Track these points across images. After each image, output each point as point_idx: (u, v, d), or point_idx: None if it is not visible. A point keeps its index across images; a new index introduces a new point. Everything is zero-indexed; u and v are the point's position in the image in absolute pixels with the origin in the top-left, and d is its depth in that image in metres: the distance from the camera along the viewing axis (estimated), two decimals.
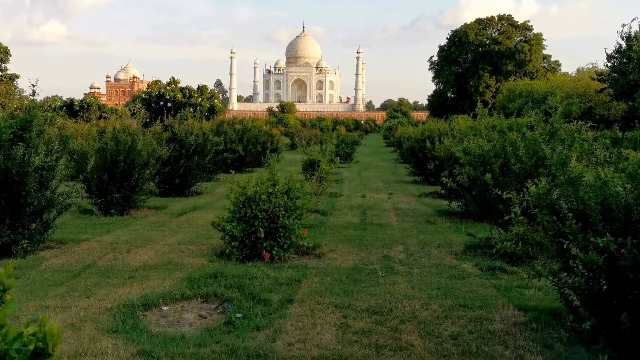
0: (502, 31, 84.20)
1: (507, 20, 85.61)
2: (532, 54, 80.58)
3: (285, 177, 8.94)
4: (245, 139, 24.09)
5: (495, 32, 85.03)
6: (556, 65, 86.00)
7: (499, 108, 61.87)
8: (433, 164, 15.09)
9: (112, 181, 12.53)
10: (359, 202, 15.07)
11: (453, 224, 11.85)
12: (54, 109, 68.61)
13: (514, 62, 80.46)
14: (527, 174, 8.20)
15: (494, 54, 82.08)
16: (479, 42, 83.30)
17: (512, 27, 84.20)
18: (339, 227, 11.47)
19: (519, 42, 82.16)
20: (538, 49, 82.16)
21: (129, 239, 10.12)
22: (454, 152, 11.68)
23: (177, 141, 15.84)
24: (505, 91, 65.15)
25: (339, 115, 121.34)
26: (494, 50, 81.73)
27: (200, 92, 41.33)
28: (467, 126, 12.58)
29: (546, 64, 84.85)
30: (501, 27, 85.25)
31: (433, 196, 16.13)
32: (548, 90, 57.31)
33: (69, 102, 62.42)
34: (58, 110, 64.00)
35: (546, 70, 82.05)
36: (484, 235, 9.91)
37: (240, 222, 8.62)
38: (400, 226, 11.69)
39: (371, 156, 37.07)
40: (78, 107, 61.07)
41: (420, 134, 19.57)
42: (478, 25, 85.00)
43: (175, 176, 15.82)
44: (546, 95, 56.98)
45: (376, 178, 22.17)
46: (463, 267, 8.18)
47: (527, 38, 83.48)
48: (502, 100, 63.85)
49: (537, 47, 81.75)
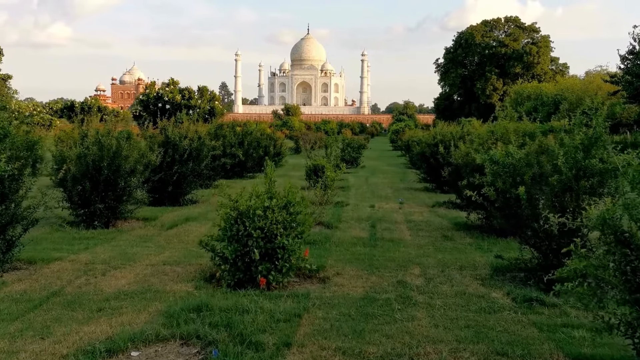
0: (509, 33, 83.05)
1: (514, 22, 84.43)
2: (540, 56, 79.40)
3: (284, 188, 7.73)
4: (246, 143, 22.88)
5: (502, 34, 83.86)
6: (564, 68, 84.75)
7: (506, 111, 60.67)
8: (447, 171, 13.87)
9: (95, 190, 11.35)
10: (367, 213, 13.84)
11: (474, 239, 10.62)
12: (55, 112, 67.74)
13: (522, 64, 79.28)
14: (566, 187, 6.98)
15: (501, 56, 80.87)
16: (486, 44, 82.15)
17: (519, 29, 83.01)
18: (345, 243, 10.26)
19: (527, 44, 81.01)
20: (546, 51, 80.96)
21: (108, 258, 8.92)
22: (475, 159, 10.49)
23: (171, 145, 14.66)
24: (513, 94, 63.88)
25: (344, 118, 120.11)
26: (501, 53, 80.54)
27: (200, 93, 40.06)
28: (487, 130, 11.36)
29: (554, 67, 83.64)
30: (508, 28, 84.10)
31: (447, 206, 14.89)
32: (558, 93, 56.09)
33: (69, 104, 61.42)
34: (58, 112, 63.12)
35: (554, 72, 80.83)
36: (512, 255, 8.70)
37: (232, 242, 7.42)
38: (415, 242, 10.46)
39: (378, 160, 35.82)
40: (79, 109, 60.00)
41: (431, 138, 18.34)
42: (484, 27, 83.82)
43: (168, 183, 14.64)
44: (556, 98, 55.81)
45: (384, 185, 20.93)
46: (493, 297, 6.95)
47: (534, 40, 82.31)
48: (510, 103, 62.65)
49: (545, 49, 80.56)
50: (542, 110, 54.31)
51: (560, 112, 11.07)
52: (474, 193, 7.80)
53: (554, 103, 56.52)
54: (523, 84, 68.45)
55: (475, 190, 10.81)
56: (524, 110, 54.90)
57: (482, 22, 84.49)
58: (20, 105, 47.48)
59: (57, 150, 11.68)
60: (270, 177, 7.76)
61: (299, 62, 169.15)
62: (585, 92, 53.95)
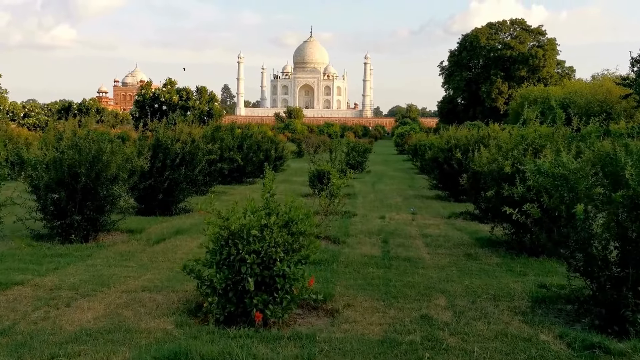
0: (514, 36, 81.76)
1: (520, 25, 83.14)
2: (546, 59, 78.03)
3: (286, 200, 6.43)
4: (246, 146, 21.56)
5: (508, 37, 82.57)
6: (570, 72, 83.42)
7: (512, 115, 59.30)
8: (467, 179, 12.57)
9: (72, 199, 10.05)
10: (377, 225, 12.51)
11: (502, 259, 9.29)
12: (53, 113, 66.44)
13: (528, 67, 77.92)
14: (634, 204, 5.66)
15: (507, 59, 79.52)
16: (491, 46, 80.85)
17: (525, 31, 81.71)
18: (356, 263, 8.93)
19: (533, 47, 79.67)
20: (552, 54, 79.63)
21: (79, 282, 7.61)
22: (504, 167, 9.20)
23: (162, 149, 13.35)
24: (519, 97, 62.54)
25: (347, 121, 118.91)
26: (507, 55, 79.19)
27: (198, 94, 38.66)
28: (516, 135, 10.03)
29: (560, 70, 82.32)
30: (513, 31, 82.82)
31: (465, 217, 13.56)
32: (566, 97, 54.77)
33: (66, 106, 60.12)
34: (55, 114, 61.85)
35: (560, 76, 79.48)
36: (551, 280, 7.41)
37: (222, 268, 6.12)
38: (434, 262, 9.13)
39: (383, 165, 34.45)
40: (76, 110, 58.73)
41: (444, 143, 17.01)
42: (490, 30, 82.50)
43: (158, 191, 13.34)
44: (564, 101, 54.49)
45: (393, 192, 19.59)
46: (542, 341, 5.61)
47: (540, 43, 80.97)
48: (515, 107, 61.33)
49: (551, 53, 79.23)
50: (550, 114, 52.92)
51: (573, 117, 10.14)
52: (516, 212, 6.45)
53: (562, 106, 55.14)
54: (529, 87, 67.17)
55: (503, 202, 9.50)
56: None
57: (487, 25, 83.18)
58: (15, 106, 46.23)
59: (32, 154, 10.41)
60: (268, 189, 6.45)
61: (302, 64, 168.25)
62: (595, 96, 52.65)
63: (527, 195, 8.94)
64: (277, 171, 28.54)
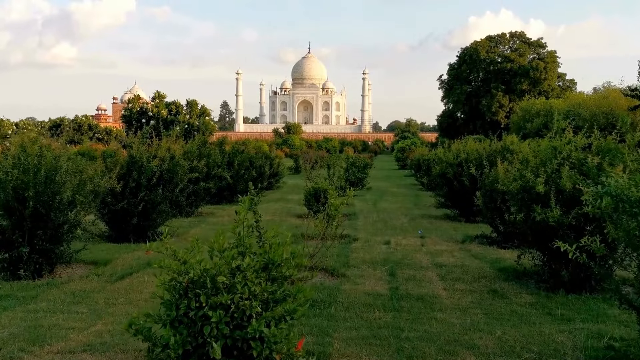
0: (514, 48, 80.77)
1: (520, 37, 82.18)
2: (547, 72, 76.89)
3: (265, 236, 4.85)
4: (237, 163, 19.95)
5: (508, 50, 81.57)
6: (572, 84, 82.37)
7: (513, 129, 57.82)
8: (482, 198, 11.00)
9: (19, 228, 8.45)
10: (382, 253, 10.86)
11: (534, 297, 7.65)
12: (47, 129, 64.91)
13: (528, 80, 76.78)
14: None
15: (507, 72, 78.41)
16: (491, 59, 79.85)
17: (525, 44, 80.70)
18: (358, 304, 7.31)
19: (533, 60, 78.63)
20: (553, 67, 78.57)
21: (7, 337, 5.96)
22: (535, 185, 7.65)
23: (136, 167, 11.76)
24: (520, 111, 61.14)
25: (346, 136, 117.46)
26: (507, 68, 78.10)
27: (189, 107, 36.99)
28: (547, 147, 8.44)
29: (561, 83, 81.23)
30: (513, 44, 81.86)
31: (481, 241, 11.93)
32: (570, 109, 53.37)
33: (58, 122, 58.56)
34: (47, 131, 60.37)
35: (561, 89, 78.35)
36: (611, 330, 5.82)
37: (179, 327, 4.52)
38: (454, 301, 7.51)
39: (385, 181, 32.78)
40: (68, 127, 57.13)
41: (452, 157, 15.42)
42: (489, 43, 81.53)
43: (132, 214, 11.73)
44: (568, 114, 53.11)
45: (397, 211, 17.93)
46: None
47: (540, 55, 79.99)
48: (517, 120, 59.95)
49: (552, 65, 78.16)
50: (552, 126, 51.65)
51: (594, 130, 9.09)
52: (575, 251, 4.84)
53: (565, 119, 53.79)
54: (530, 100, 65.91)
55: (533, 228, 7.93)
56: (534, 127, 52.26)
57: (487, 38, 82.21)
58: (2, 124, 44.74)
59: None
60: (242, 220, 4.86)
61: (300, 80, 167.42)
62: (600, 108, 51.30)
63: (564, 220, 7.40)
64: (272, 189, 26.95)
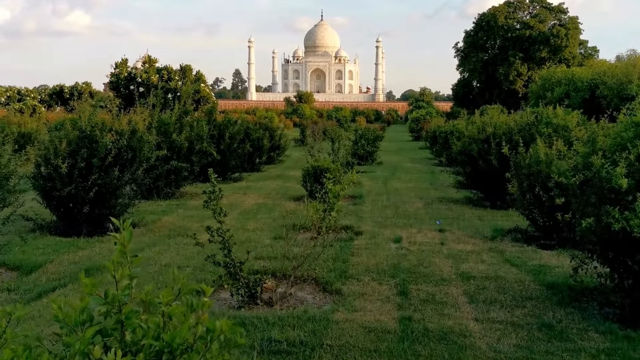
0: (534, 14, 76.90)
1: (540, 2, 78.15)
2: (568, 39, 73.12)
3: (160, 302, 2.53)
4: (228, 135, 17.61)
5: (527, 15, 77.78)
6: (594, 52, 78.60)
7: (532, 98, 54.78)
8: (518, 184, 8.66)
9: None
10: (391, 255, 8.47)
11: (608, 339, 5.28)
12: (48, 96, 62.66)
13: (548, 47, 73.19)
14: None
15: (526, 39, 74.80)
16: (509, 26, 76.12)
17: (546, 9, 76.79)
18: (354, 349, 5.02)
19: (554, 26, 74.85)
20: (575, 34, 74.74)
21: None
22: (614, 177, 5.27)
23: (86, 143, 9.48)
24: (539, 79, 58.00)
25: (359, 105, 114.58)
26: (526, 35, 74.48)
27: (183, 73, 34.26)
28: (627, 124, 6.01)
29: (583, 50, 77.50)
30: (533, 9, 78.02)
31: (515, 237, 9.56)
32: (594, 78, 50.25)
33: (58, 90, 56.29)
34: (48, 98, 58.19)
35: (583, 57, 74.70)
36: None
37: None
38: (491, 343, 5.18)
39: (397, 154, 30.23)
40: (68, 94, 54.91)
41: (477, 132, 12.93)
42: (508, 8, 77.75)
43: (83, 201, 9.50)
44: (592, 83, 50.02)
45: (410, 192, 15.48)
46: None
47: (562, 21, 76.12)
48: (536, 89, 56.83)
49: (573, 32, 74.35)
50: (576, 96, 48.78)
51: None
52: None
53: (589, 88, 50.83)
54: (551, 68, 62.61)
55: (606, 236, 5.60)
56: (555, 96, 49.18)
57: (505, 3, 78.38)
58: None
59: None
60: (117, 265, 2.55)
61: (313, 48, 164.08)
62: (628, 76, 48.10)
63: None
64: (273, 163, 24.69)
